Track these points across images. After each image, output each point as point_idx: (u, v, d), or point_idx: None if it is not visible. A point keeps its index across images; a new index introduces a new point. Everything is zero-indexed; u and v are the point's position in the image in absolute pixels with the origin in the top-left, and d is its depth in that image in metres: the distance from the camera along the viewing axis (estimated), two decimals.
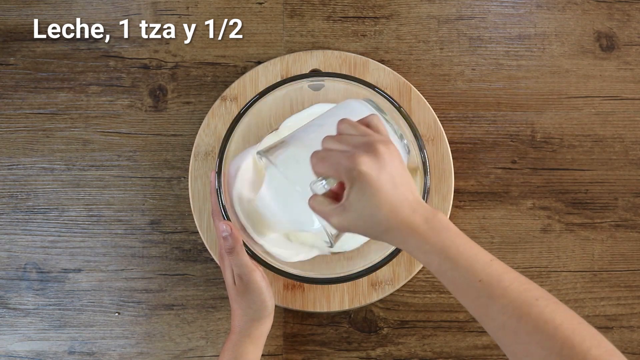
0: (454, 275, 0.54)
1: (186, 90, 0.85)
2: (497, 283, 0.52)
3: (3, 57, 0.86)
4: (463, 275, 0.53)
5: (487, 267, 0.53)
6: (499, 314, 0.51)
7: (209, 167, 0.81)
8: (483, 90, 0.86)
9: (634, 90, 0.86)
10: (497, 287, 0.52)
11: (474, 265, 0.53)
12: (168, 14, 0.86)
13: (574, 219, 0.84)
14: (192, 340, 0.82)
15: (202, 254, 0.83)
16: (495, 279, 0.52)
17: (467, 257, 0.54)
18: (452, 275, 0.54)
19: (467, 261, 0.53)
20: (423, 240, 0.55)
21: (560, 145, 0.85)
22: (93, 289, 0.83)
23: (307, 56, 0.84)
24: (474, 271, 0.53)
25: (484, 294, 0.52)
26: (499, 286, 0.52)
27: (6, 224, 0.83)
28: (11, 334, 0.82)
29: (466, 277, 0.53)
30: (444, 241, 0.54)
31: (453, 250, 0.54)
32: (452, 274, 0.54)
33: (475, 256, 0.54)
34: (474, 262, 0.53)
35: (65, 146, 0.84)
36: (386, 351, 0.82)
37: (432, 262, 0.55)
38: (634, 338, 0.82)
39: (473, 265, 0.53)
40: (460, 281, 0.54)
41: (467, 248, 0.54)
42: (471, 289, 0.53)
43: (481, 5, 0.87)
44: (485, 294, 0.52)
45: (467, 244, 0.55)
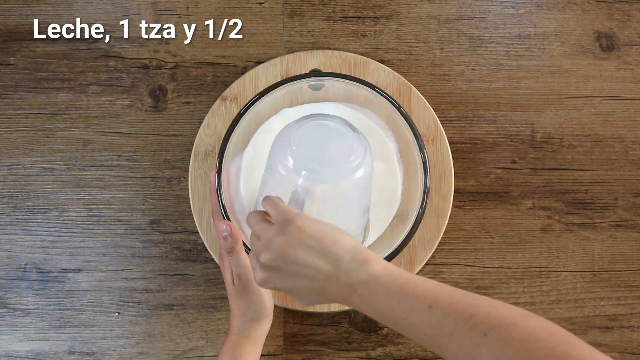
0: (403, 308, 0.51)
1: (186, 90, 0.85)
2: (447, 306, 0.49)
3: (3, 57, 0.86)
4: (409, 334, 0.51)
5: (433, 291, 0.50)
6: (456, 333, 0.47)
7: (209, 167, 0.81)
8: (483, 90, 0.86)
9: (634, 90, 0.86)
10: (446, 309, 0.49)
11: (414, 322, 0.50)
12: (168, 14, 0.86)
13: (574, 219, 0.84)
14: (192, 340, 0.82)
15: (202, 254, 0.83)
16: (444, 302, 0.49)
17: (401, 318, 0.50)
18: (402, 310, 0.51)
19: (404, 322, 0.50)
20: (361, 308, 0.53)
21: (560, 145, 0.85)
22: (93, 289, 0.83)
23: (307, 56, 0.84)
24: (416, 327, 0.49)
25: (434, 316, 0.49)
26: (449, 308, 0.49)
27: (6, 224, 0.83)
28: (11, 334, 0.82)
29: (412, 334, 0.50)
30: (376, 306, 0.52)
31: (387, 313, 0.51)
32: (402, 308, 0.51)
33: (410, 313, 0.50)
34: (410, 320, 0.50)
35: (65, 146, 0.84)
36: (386, 351, 0.82)
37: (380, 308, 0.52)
38: (634, 338, 0.82)
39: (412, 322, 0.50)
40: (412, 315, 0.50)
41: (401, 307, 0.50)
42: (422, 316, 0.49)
43: (481, 5, 0.87)
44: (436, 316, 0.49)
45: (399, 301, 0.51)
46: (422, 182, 0.75)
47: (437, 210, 0.81)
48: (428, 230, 0.81)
